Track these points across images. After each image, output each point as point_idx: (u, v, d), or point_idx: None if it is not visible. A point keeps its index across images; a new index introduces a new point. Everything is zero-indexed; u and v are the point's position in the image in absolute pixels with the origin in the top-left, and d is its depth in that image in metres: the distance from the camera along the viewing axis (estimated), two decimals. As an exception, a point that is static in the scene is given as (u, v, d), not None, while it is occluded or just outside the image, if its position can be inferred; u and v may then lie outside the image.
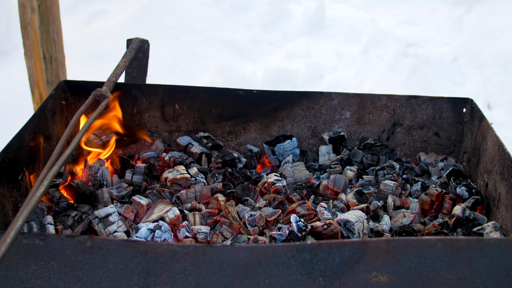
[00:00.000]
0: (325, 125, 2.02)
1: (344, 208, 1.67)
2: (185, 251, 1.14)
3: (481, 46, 4.81)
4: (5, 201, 1.54)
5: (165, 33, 4.79)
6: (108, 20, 5.03)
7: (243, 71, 4.35)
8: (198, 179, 1.74)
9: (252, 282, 1.16)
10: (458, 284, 1.19)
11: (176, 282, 1.16)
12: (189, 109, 2.00)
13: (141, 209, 1.62)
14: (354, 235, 1.49)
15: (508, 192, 1.58)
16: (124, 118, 1.93)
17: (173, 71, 4.35)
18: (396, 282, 1.18)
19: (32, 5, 2.52)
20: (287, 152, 1.94)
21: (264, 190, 1.75)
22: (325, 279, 1.16)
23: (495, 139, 1.71)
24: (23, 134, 1.65)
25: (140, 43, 2.08)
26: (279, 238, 1.46)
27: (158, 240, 1.47)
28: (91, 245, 1.15)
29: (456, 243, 1.17)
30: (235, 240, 1.49)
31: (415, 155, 2.04)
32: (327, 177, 1.84)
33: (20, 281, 1.17)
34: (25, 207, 1.08)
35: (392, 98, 1.99)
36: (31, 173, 1.71)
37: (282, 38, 4.94)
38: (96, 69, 4.19)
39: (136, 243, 1.15)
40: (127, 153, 2.02)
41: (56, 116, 1.90)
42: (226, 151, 1.92)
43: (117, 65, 1.90)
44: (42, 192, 1.14)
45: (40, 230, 1.51)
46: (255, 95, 1.98)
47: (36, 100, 2.78)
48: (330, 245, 1.15)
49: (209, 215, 1.62)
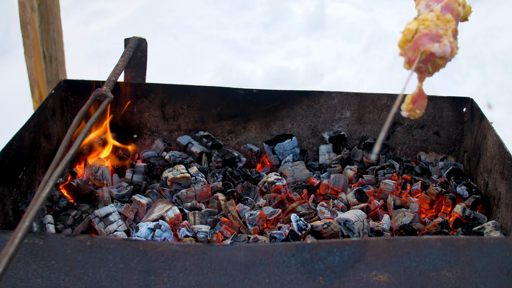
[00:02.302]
0: (325, 125, 2.02)
1: (344, 207, 1.67)
2: (185, 250, 1.14)
3: (481, 45, 4.81)
4: (5, 200, 1.54)
5: (165, 32, 4.79)
6: (108, 19, 5.03)
7: (243, 70, 4.35)
8: (198, 179, 1.74)
9: (252, 281, 1.16)
10: (458, 283, 1.19)
11: (176, 281, 1.16)
12: (189, 108, 2.00)
13: (141, 208, 1.62)
14: (354, 235, 1.49)
15: (508, 191, 1.58)
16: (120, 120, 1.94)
17: (173, 70, 4.35)
18: (396, 281, 1.18)
19: (32, 4, 2.52)
20: (287, 152, 1.94)
21: (264, 189, 1.75)
22: (325, 278, 1.16)
23: (495, 138, 1.70)
24: (23, 133, 1.65)
25: (138, 42, 2.07)
26: (279, 237, 1.46)
27: (158, 240, 1.47)
28: (91, 245, 1.15)
29: (456, 243, 1.17)
30: (235, 239, 1.49)
31: (415, 155, 2.04)
32: (327, 176, 1.84)
33: (20, 280, 1.17)
34: (31, 208, 1.08)
35: (392, 97, 1.99)
36: (31, 172, 1.71)
37: (282, 37, 4.93)
38: (96, 68, 4.19)
39: (136, 242, 1.15)
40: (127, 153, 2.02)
41: (56, 115, 1.90)
42: (226, 150, 1.92)
43: (117, 64, 1.90)
44: (47, 192, 1.14)
45: (40, 229, 1.51)
46: (255, 94, 1.98)
47: (36, 99, 2.78)
48: (330, 244, 1.15)
49: (209, 214, 1.62)
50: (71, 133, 1.43)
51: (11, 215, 1.57)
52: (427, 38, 1.12)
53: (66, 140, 1.39)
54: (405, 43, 1.14)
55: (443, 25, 1.14)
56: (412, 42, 1.13)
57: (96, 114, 1.55)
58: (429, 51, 1.10)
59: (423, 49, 1.10)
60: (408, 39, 1.14)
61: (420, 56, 1.11)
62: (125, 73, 2.08)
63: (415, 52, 1.12)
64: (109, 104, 1.71)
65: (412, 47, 1.14)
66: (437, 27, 1.14)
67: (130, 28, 4.66)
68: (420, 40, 1.12)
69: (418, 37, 1.12)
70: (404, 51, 1.14)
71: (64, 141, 1.38)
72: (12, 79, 3.94)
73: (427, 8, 1.20)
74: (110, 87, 1.74)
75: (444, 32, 1.13)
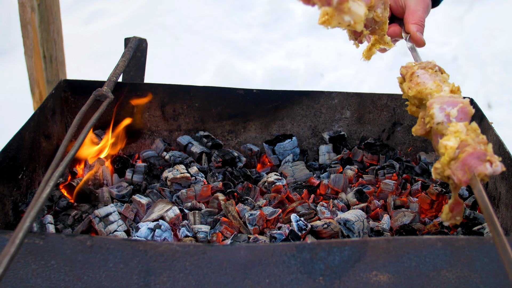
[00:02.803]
0: (325, 125, 2.02)
1: (344, 207, 1.67)
2: (185, 250, 1.14)
3: (481, 45, 4.81)
4: (5, 200, 1.54)
5: (165, 32, 4.79)
6: (108, 19, 5.03)
7: (243, 70, 4.35)
8: (198, 178, 1.74)
9: (252, 281, 1.16)
10: (458, 283, 1.19)
11: (176, 281, 1.16)
12: (189, 108, 2.00)
13: (141, 208, 1.62)
14: (354, 234, 1.49)
15: (508, 191, 1.58)
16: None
17: (173, 70, 4.35)
18: (396, 281, 1.18)
19: (32, 4, 2.52)
20: (287, 152, 1.94)
21: (264, 189, 1.75)
22: (325, 278, 1.16)
23: (495, 138, 1.70)
24: (23, 133, 1.65)
25: (138, 42, 2.08)
26: (279, 237, 1.46)
27: (158, 239, 1.47)
28: (91, 244, 1.15)
29: (456, 242, 1.17)
30: (235, 239, 1.49)
31: (415, 155, 2.04)
32: (327, 176, 1.84)
33: (20, 280, 1.17)
34: (32, 208, 1.08)
35: (392, 97, 1.99)
36: (31, 172, 1.71)
37: (282, 37, 4.93)
38: (96, 68, 4.19)
39: (136, 242, 1.15)
40: (127, 152, 2.02)
41: (56, 115, 1.90)
42: (226, 150, 1.92)
43: (117, 64, 1.90)
44: (48, 192, 1.14)
45: (40, 229, 1.51)
46: (255, 94, 1.98)
47: (36, 99, 2.79)
48: (330, 244, 1.15)
49: (209, 214, 1.62)
50: (71, 133, 1.43)
51: (11, 215, 1.57)
52: (475, 158, 1.09)
53: (66, 140, 1.39)
54: (450, 163, 1.12)
55: (475, 137, 1.14)
56: (458, 162, 1.11)
57: (96, 114, 1.55)
58: (484, 174, 1.08)
59: (478, 173, 1.07)
60: (452, 157, 1.12)
61: (476, 179, 1.09)
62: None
63: (465, 173, 1.09)
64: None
65: (460, 167, 1.10)
66: (474, 141, 1.12)
67: (130, 28, 4.66)
68: (468, 161, 1.10)
69: (464, 157, 1.10)
70: (452, 171, 1.11)
71: (64, 141, 1.38)
72: (12, 79, 3.94)
73: (442, 112, 1.19)
74: (110, 87, 1.74)
75: (484, 147, 1.11)
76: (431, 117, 1.20)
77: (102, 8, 5.24)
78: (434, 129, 1.21)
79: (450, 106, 1.20)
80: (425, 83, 1.29)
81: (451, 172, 1.11)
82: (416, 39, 1.58)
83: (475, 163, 1.08)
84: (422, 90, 1.28)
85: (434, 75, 1.31)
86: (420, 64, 1.36)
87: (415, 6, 1.61)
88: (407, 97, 1.35)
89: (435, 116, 1.19)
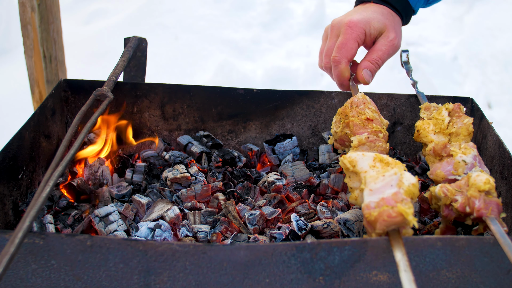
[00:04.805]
0: (325, 124, 2.02)
1: (344, 207, 1.67)
2: (185, 250, 1.14)
3: (481, 45, 4.81)
4: (5, 200, 1.54)
5: (165, 32, 4.79)
6: (108, 19, 5.03)
7: (243, 70, 4.35)
8: (198, 178, 1.74)
9: (252, 281, 1.16)
10: (458, 283, 1.19)
11: (176, 281, 1.16)
12: (189, 108, 2.00)
13: (141, 208, 1.62)
14: (354, 234, 1.49)
15: (508, 191, 1.58)
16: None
17: (173, 70, 4.35)
18: (396, 281, 1.18)
19: (32, 4, 2.52)
20: (287, 151, 1.94)
21: (264, 189, 1.75)
22: (325, 278, 1.16)
23: (495, 138, 1.70)
24: (23, 133, 1.65)
25: (138, 42, 2.08)
26: (279, 237, 1.46)
27: (158, 239, 1.47)
28: (91, 244, 1.15)
29: (456, 242, 1.17)
30: (235, 239, 1.49)
31: (415, 154, 2.04)
32: (327, 176, 1.84)
33: (20, 280, 1.17)
34: (31, 208, 1.08)
35: (392, 97, 1.99)
36: (31, 172, 1.71)
37: (282, 37, 4.94)
38: (96, 68, 4.19)
39: (136, 242, 1.15)
40: (127, 152, 2.02)
41: (56, 115, 1.90)
42: (226, 150, 1.92)
43: (117, 64, 1.90)
44: (48, 192, 1.14)
45: (40, 229, 1.51)
46: (255, 94, 1.98)
47: (36, 99, 2.79)
48: (330, 244, 1.15)
49: (209, 214, 1.62)
50: (71, 133, 1.43)
51: (11, 215, 1.57)
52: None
53: (66, 140, 1.39)
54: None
55: None
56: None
57: (96, 114, 1.55)
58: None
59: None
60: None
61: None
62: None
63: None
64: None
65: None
66: None
67: (130, 28, 4.66)
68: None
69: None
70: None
71: (64, 141, 1.38)
72: (12, 79, 3.94)
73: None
74: (110, 87, 1.74)
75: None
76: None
77: (102, 8, 5.24)
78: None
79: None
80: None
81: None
82: (359, 77, 1.67)
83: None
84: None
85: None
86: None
87: (380, 45, 1.69)
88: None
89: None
